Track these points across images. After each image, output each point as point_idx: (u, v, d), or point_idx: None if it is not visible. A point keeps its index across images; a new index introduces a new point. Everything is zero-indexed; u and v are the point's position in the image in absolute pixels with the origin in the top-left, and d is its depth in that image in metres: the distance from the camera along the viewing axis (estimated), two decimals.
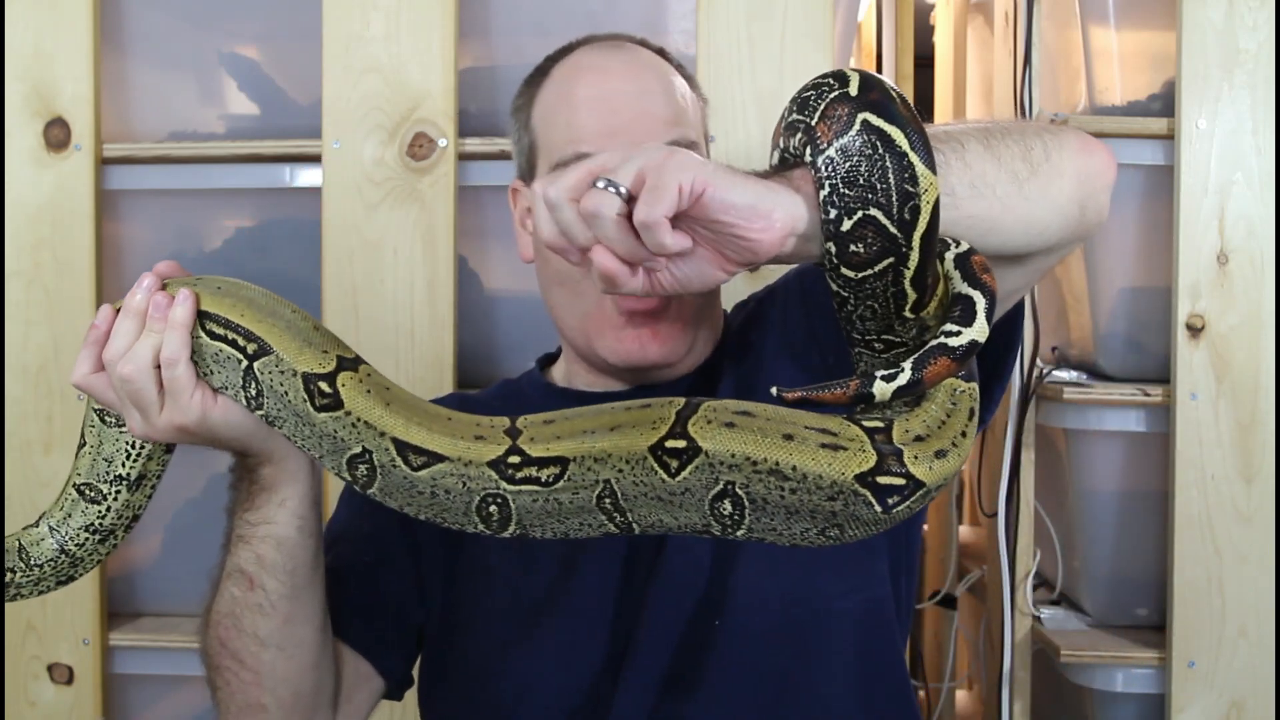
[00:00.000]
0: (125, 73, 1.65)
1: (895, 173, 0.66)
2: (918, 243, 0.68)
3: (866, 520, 0.69)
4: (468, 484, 0.76)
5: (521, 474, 0.75)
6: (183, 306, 0.84)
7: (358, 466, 0.79)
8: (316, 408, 0.79)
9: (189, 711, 1.73)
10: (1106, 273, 1.66)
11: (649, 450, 0.72)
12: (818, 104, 0.70)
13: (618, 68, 1.06)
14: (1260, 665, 1.54)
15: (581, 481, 0.75)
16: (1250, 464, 1.54)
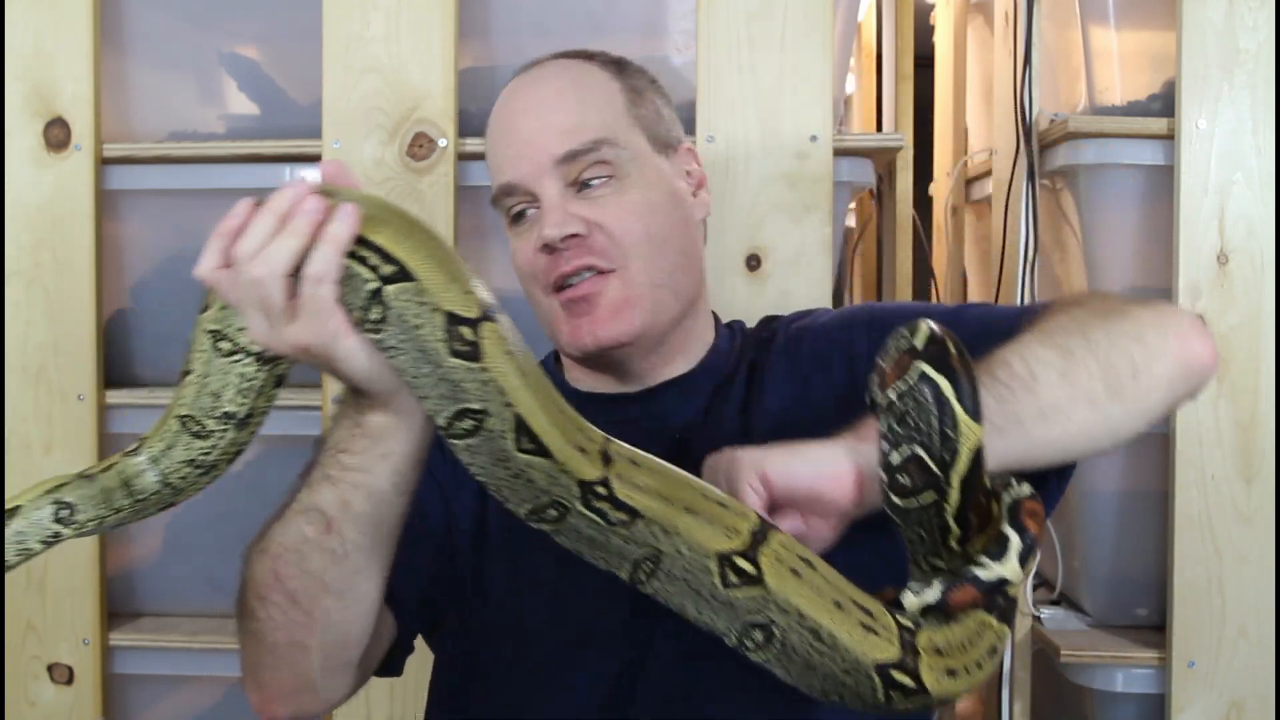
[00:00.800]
0: (125, 73, 1.65)
1: (938, 417, 0.74)
2: (957, 482, 0.75)
3: (867, 701, 0.75)
4: (552, 485, 0.76)
5: (597, 504, 0.76)
6: (343, 223, 0.75)
7: (464, 419, 0.75)
8: (451, 351, 0.74)
9: (189, 711, 1.73)
10: (1106, 273, 1.66)
11: (716, 555, 0.75)
12: (893, 352, 0.79)
13: (524, 91, 1.10)
14: (1260, 665, 1.54)
15: (639, 538, 0.76)
16: (1250, 464, 1.54)
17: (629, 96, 1.10)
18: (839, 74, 1.64)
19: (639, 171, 1.06)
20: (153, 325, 1.68)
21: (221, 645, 1.61)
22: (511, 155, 1.06)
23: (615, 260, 1.03)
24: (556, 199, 1.03)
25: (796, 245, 1.50)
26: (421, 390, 0.77)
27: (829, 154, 1.50)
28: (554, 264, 1.03)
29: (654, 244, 1.05)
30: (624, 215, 1.04)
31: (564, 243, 1.02)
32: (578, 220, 1.03)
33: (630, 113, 1.09)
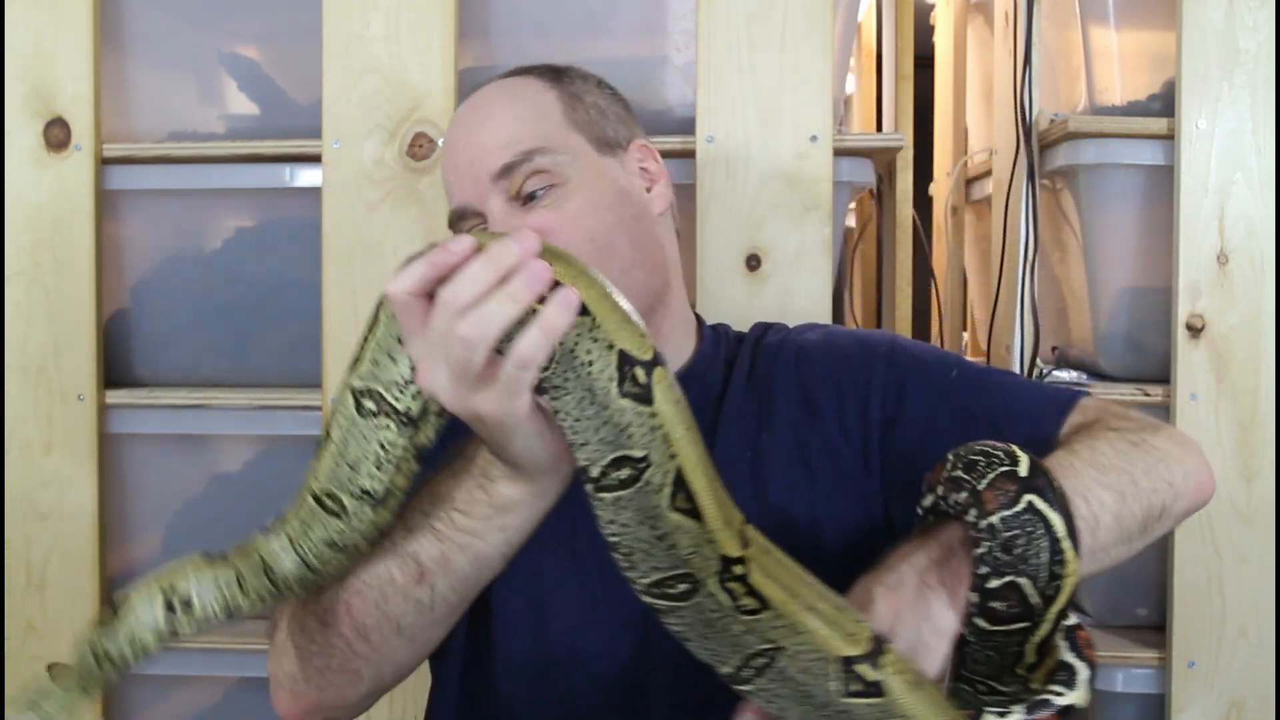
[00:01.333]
0: (125, 73, 1.65)
1: (1048, 553, 0.74)
2: (1052, 615, 0.75)
3: None
4: (693, 555, 0.72)
5: (730, 584, 0.72)
6: (564, 313, 0.69)
7: (621, 468, 0.71)
8: (621, 392, 0.70)
9: (189, 711, 1.73)
10: (1106, 273, 1.66)
11: (840, 660, 0.72)
12: (986, 471, 0.77)
13: (463, 116, 1.11)
14: (1260, 665, 1.54)
15: (762, 630, 0.73)
16: (1250, 464, 1.54)
17: (565, 102, 1.10)
18: (839, 74, 1.64)
19: (580, 175, 1.06)
20: (153, 325, 1.68)
21: (221, 645, 1.61)
22: (454, 180, 1.09)
23: None
24: (500, 214, 1.04)
25: (796, 245, 1.50)
26: (581, 435, 0.72)
27: (829, 154, 1.50)
28: None
29: (599, 245, 1.04)
30: (566, 222, 1.03)
31: None
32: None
33: (567, 117, 1.09)
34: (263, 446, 1.67)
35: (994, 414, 1.00)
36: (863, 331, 1.17)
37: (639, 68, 1.63)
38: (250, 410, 1.62)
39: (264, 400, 1.61)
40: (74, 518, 1.60)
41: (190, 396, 1.62)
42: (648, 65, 1.63)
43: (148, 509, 1.69)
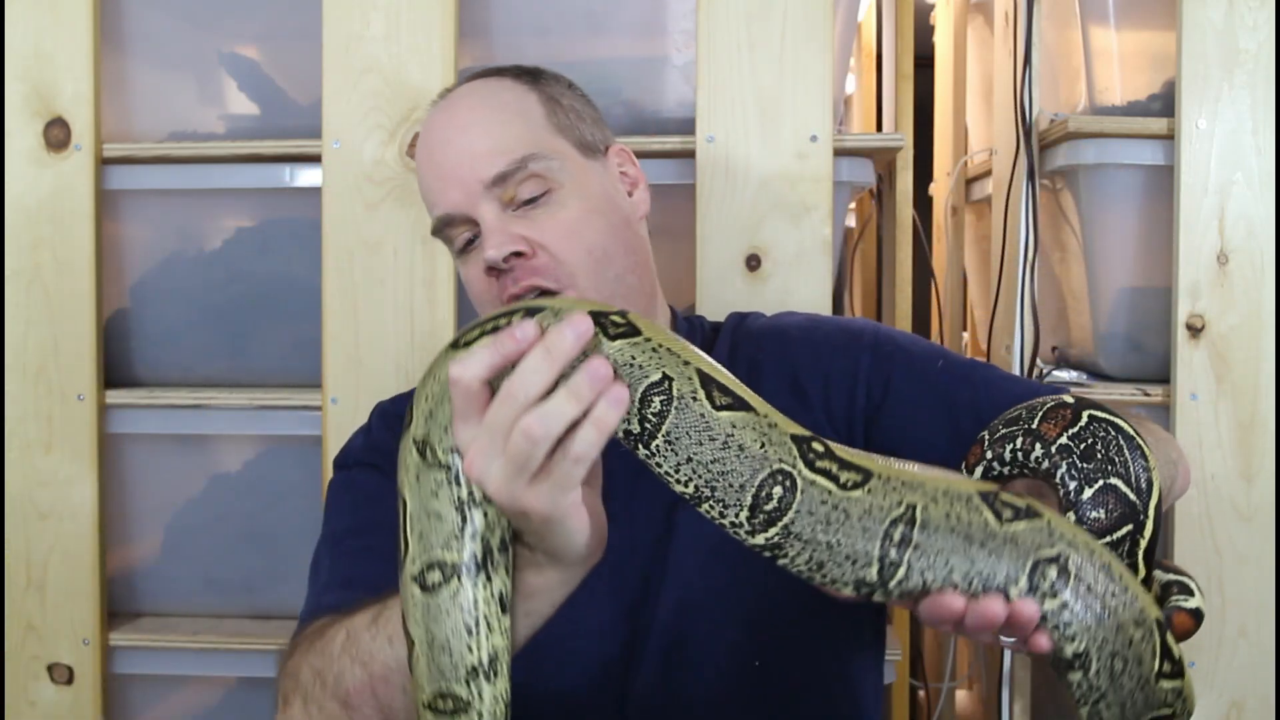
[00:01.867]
0: (125, 73, 1.65)
1: (1128, 449, 0.74)
2: (1152, 511, 0.75)
3: (1143, 662, 0.71)
4: (766, 445, 0.68)
5: (822, 465, 0.68)
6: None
7: (651, 401, 0.69)
8: (610, 336, 0.71)
9: (189, 711, 1.73)
10: (1106, 273, 1.66)
11: (978, 493, 0.68)
12: (1031, 418, 0.78)
13: (439, 120, 1.10)
14: (1260, 665, 1.54)
15: (883, 496, 0.68)
16: (1250, 464, 1.54)
17: (547, 106, 1.10)
18: (839, 74, 1.64)
19: (572, 180, 1.06)
20: (152, 325, 1.68)
21: (221, 645, 1.61)
22: (439, 187, 1.06)
23: (561, 279, 1.03)
24: (495, 220, 1.03)
25: (796, 245, 1.50)
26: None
27: (829, 154, 1.50)
28: (502, 286, 1.04)
29: (596, 256, 1.04)
30: (564, 232, 1.03)
31: (507, 262, 1.02)
32: (518, 239, 1.03)
33: (551, 121, 1.09)
34: (262, 446, 1.67)
35: (980, 406, 1.01)
36: (845, 319, 1.17)
37: (639, 68, 1.63)
38: (250, 410, 1.62)
39: (264, 400, 1.61)
40: (74, 517, 1.60)
41: (190, 396, 1.62)
42: (648, 65, 1.63)
43: (148, 509, 1.69)
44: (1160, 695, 0.70)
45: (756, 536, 0.70)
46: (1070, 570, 0.68)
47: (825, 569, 0.69)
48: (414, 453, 0.75)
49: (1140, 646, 0.69)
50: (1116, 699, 0.70)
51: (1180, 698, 0.70)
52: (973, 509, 0.68)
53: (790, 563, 0.70)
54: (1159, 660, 0.69)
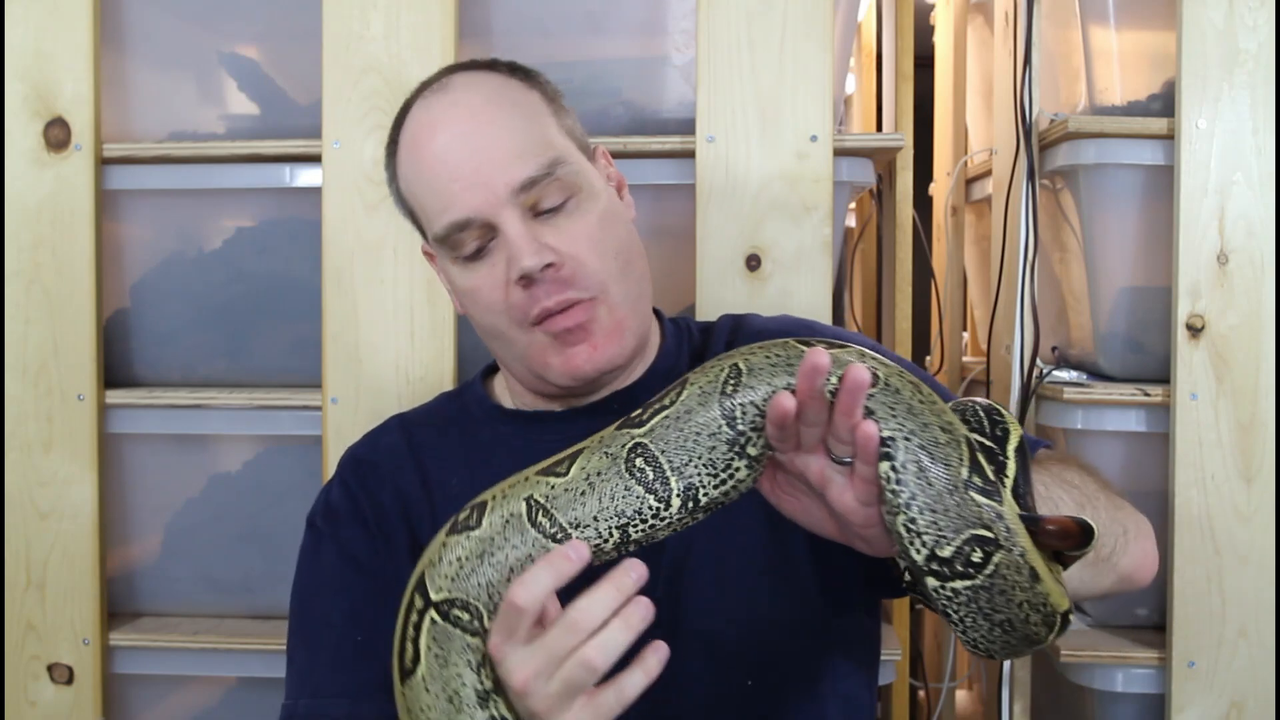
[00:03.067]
0: (125, 73, 1.65)
1: (986, 413, 0.81)
2: (1012, 453, 0.78)
3: (1036, 640, 0.76)
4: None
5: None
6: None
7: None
8: None
9: (189, 711, 1.73)
10: (1106, 273, 1.66)
11: (796, 341, 0.79)
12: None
13: (449, 116, 1.02)
14: (1260, 665, 1.54)
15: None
16: (1250, 464, 1.54)
17: (550, 105, 1.05)
18: (839, 74, 1.64)
19: (589, 186, 1.03)
20: (152, 325, 1.68)
21: (221, 645, 1.61)
22: (457, 189, 0.99)
23: (593, 288, 1.00)
24: (523, 228, 0.99)
25: (796, 245, 1.50)
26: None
27: (829, 154, 1.50)
28: (533, 298, 0.99)
29: (621, 262, 1.02)
30: (591, 241, 1.00)
31: (542, 273, 0.98)
32: (549, 249, 0.99)
33: (558, 122, 1.04)
34: (262, 446, 1.67)
35: None
36: (842, 329, 1.16)
37: (639, 68, 1.63)
38: (250, 410, 1.62)
39: (264, 400, 1.61)
40: (74, 517, 1.60)
41: (190, 396, 1.62)
42: (648, 65, 1.63)
43: (148, 509, 1.70)
44: (975, 510, 0.71)
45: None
46: (882, 379, 0.74)
47: (695, 450, 0.78)
48: (428, 609, 0.78)
49: (947, 449, 0.72)
50: (927, 500, 0.71)
51: (1002, 522, 0.71)
52: (790, 348, 0.77)
53: (664, 455, 0.78)
54: (969, 470, 0.71)
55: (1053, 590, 0.73)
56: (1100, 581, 0.92)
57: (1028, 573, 0.71)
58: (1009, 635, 0.73)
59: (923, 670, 2.07)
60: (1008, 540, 0.71)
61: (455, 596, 0.77)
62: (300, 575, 1.09)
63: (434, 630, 0.77)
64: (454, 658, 0.76)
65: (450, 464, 1.08)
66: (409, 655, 0.77)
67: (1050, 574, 0.73)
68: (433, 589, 0.77)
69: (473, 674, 0.76)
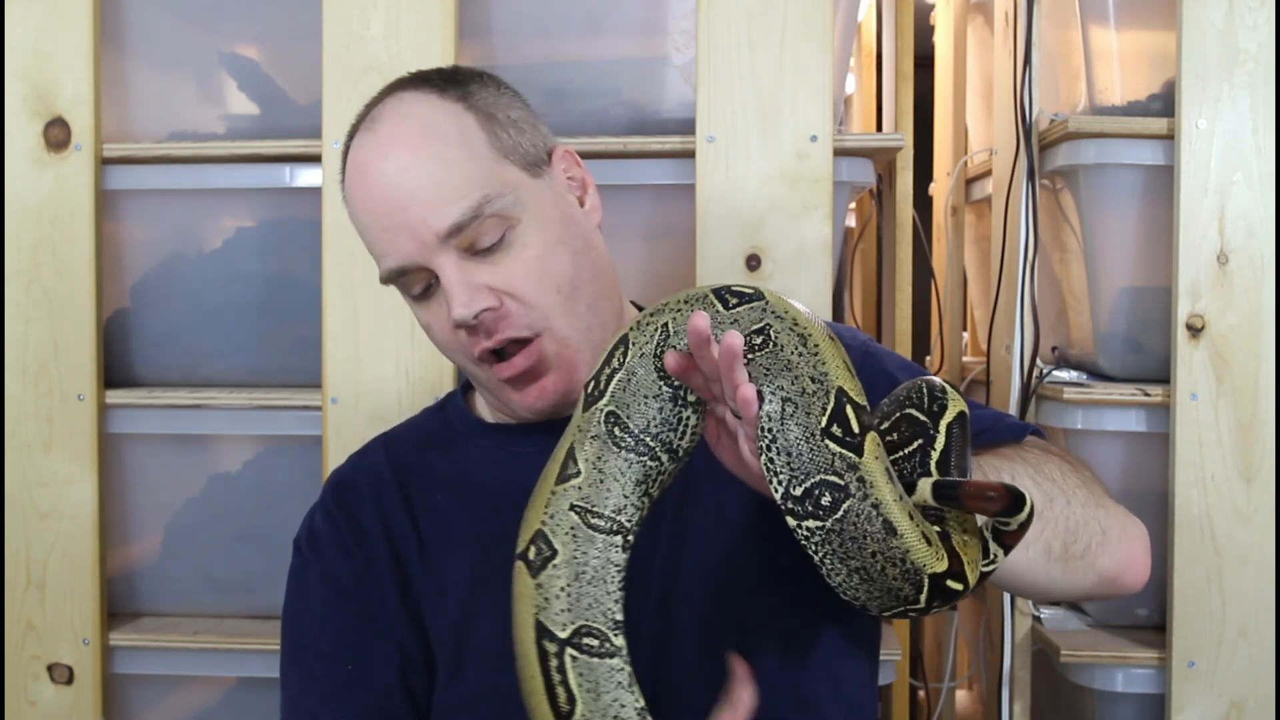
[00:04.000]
0: (125, 73, 1.65)
1: (929, 389, 0.82)
2: (943, 428, 0.80)
3: (907, 602, 0.76)
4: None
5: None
6: None
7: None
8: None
9: (189, 711, 1.73)
10: (1106, 273, 1.66)
11: (711, 291, 0.80)
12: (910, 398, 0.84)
13: (375, 156, 0.99)
14: (1260, 665, 1.54)
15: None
16: (1250, 464, 1.54)
17: (486, 127, 1.00)
18: (839, 74, 1.64)
19: (528, 212, 0.99)
20: (153, 325, 1.68)
21: (221, 645, 1.61)
22: (389, 238, 0.97)
23: (536, 324, 0.98)
24: (456, 274, 0.96)
25: (796, 245, 1.50)
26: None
27: (829, 154, 1.50)
28: (474, 341, 0.98)
29: (566, 292, 0.99)
30: (531, 274, 0.97)
31: (477, 318, 0.96)
32: (485, 293, 0.96)
33: (494, 147, 1.00)
34: (263, 446, 1.67)
35: None
36: (836, 324, 1.16)
37: (639, 68, 1.63)
38: (250, 410, 1.62)
39: (264, 400, 1.61)
40: (74, 517, 1.60)
41: (190, 396, 1.62)
42: (648, 65, 1.63)
43: (148, 509, 1.70)
44: (827, 457, 0.74)
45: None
46: (770, 336, 0.77)
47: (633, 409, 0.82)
48: (565, 648, 0.80)
49: (811, 399, 0.75)
50: (785, 444, 0.75)
51: (855, 472, 0.73)
52: (706, 303, 0.80)
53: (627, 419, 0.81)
54: (827, 418, 0.74)
55: (914, 547, 0.73)
56: (1076, 579, 0.92)
57: (880, 524, 0.73)
58: (869, 585, 0.75)
59: (923, 670, 2.07)
60: (859, 490, 0.73)
61: (579, 624, 0.79)
62: (289, 599, 1.10)
63: (578, 666, 0.78)
64: (604, 684, 0.78)
65: (434, 481, 1.08)
66: (563, 699, 0.78)
67: (916, 529, 0.74)
68: (557, 628, 0.78)
69: (628, 693, 0.79)
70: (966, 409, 0.81)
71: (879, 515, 0.73)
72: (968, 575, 0.75)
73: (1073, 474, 0.95)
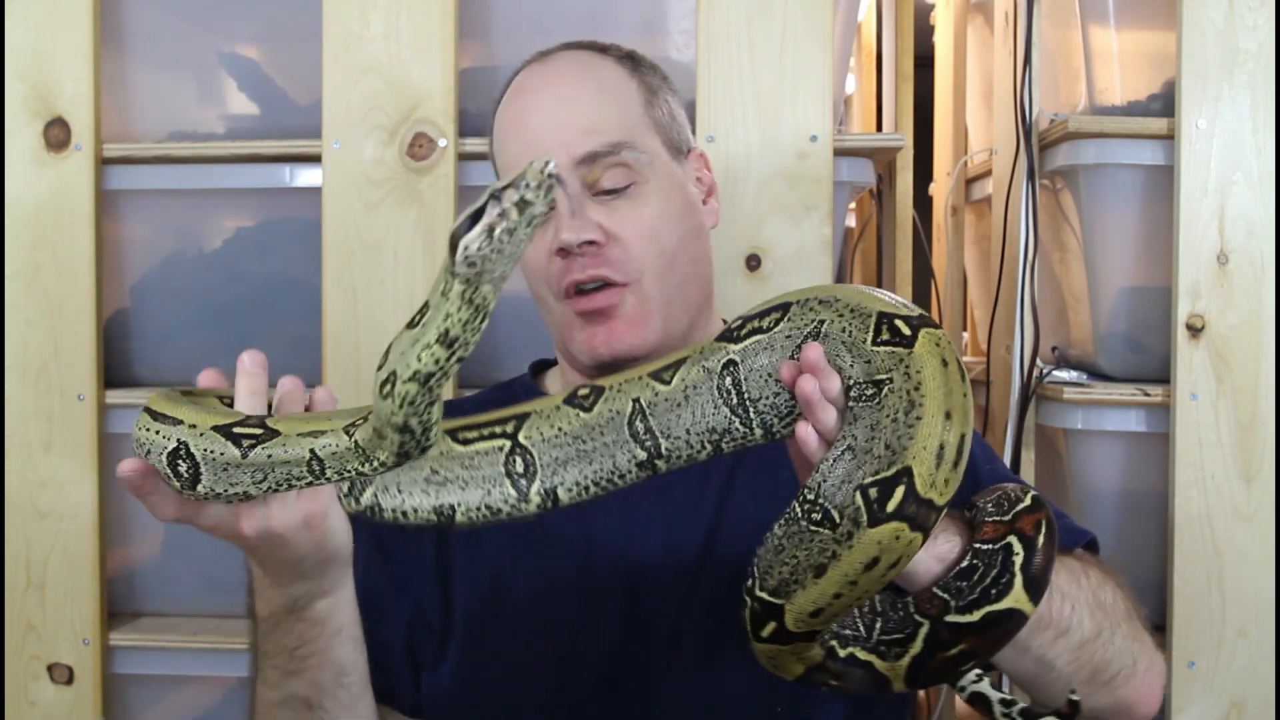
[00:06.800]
0: (125, 73, 1.65)
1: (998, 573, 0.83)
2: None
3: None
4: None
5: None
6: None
7: None
8: None
9: (189, 711, 1.73)
10: (1106, 273, 1.66)
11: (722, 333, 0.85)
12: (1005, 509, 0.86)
13: (537, 84, 1.07)
14: (1260, 665, 1.54)
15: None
16: (1250, 464, 1.54)
17: (645, 96, 1.08)
18: (839, 74, 1.64)
19: (656, 178, 1.05)
20: (153, 325, 1.68)
21: (221, 645, 1.61)
22: (526, 152, 1.04)
23: (630, 274, 1.02)
24: (575, 201, 1.02)
25: (796, 245, 1.50)
26: None
27: (829, 154, 1.50)
28: (567, 269, 1.02)
29: (667, 259, 1.04)
30: (640, 229, 1.03)
31: (580, 248, 1.01)
32: (595, 227, 1.02)
33: (647, 114, 1.07)
34: None
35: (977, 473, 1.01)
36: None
37: None
38: None
39: None
40: (74, 517, 1.60)
41: None
42: None
43: None
44: (850, 505, 0.75)
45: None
46: (883, 391, 0.77)
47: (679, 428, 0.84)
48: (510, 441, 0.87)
49: (872, 459, 0.75)
50: (822, 486, 0.76)
51: (840, 544, 0.75)
52: (860, 324, 0.80)
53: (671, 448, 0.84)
54: (872, 481, 0.75)
55: None
56: (1094, 699, 0.93)
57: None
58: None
59: None
60: (829, 554, 0.76)
61: (531, 452, 0.84)
62: None
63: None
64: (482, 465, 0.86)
65: None
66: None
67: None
68: (523, 433, 0.85)
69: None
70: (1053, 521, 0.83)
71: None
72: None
73: (1123, 599, 0.96)
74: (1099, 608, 0.92)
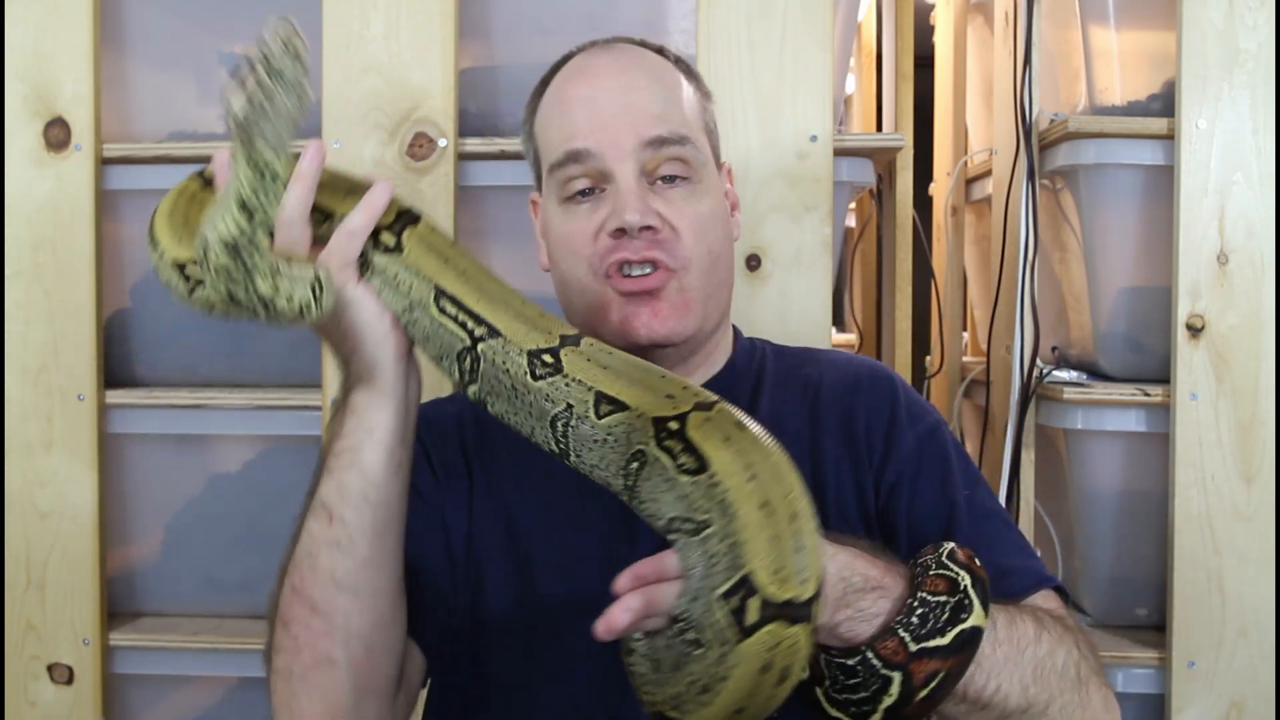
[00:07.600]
0: (125, 73, 1.65)
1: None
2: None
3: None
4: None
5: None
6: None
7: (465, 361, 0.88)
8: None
9: (189, 711, 1.73)
10: (1106, 273, 1.66)
11: (653, 421, 0.80)
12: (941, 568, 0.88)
13: (607, 66, 1.08)
14: (1260, 665, 1.54)
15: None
16: (1250, 464, 1.54)
17: (700, 100, 1.11)
18: (839, 74, 1.64)
19: (708, 179, 1.07)
20: (153, 325, 1.68)
21: (221, 645, 1.61)
22: (590, 126, 1.03)
23: (682, 261, 1.03)
24: (635, 185, 1.02)
25: (796, 245, 1.50)
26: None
27: (829, 154, 1.50)
28: (618, 248, 1.02)
29: (712, 257, 1.05)
30: (695, 222, 1.04)
31: (640, 232, 1.01)
32: (655, 214, 1.02)
33: (702, 117, 1.10)
34: (262, 446, 1.67)
35: (978, 549, 1.00)
36: (922, 399, 1.15)
37: None
38: (250, 410, 1.62)
39: (263, 400, 1.61)
40: (74, 517, 1.60)
41: (190, 396, 1.62)
42: None
43: (148, 509, 1.70)
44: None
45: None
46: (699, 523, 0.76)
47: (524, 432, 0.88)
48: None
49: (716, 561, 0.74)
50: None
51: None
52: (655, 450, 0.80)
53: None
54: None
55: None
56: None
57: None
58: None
59: None
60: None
61: (480, 364, 0.88)
62: None
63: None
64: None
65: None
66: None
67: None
68: (483, 344, 0.88)
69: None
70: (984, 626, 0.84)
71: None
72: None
73: (1078, 663, 0.94)
74: (1038, 679, 0.90)
